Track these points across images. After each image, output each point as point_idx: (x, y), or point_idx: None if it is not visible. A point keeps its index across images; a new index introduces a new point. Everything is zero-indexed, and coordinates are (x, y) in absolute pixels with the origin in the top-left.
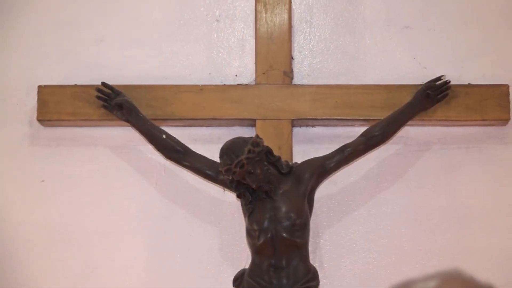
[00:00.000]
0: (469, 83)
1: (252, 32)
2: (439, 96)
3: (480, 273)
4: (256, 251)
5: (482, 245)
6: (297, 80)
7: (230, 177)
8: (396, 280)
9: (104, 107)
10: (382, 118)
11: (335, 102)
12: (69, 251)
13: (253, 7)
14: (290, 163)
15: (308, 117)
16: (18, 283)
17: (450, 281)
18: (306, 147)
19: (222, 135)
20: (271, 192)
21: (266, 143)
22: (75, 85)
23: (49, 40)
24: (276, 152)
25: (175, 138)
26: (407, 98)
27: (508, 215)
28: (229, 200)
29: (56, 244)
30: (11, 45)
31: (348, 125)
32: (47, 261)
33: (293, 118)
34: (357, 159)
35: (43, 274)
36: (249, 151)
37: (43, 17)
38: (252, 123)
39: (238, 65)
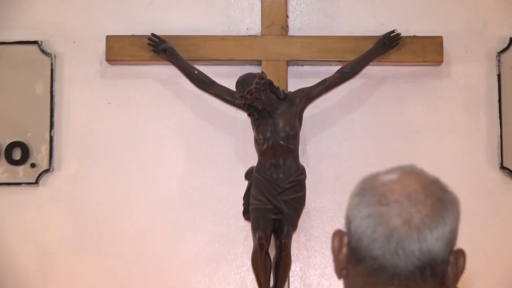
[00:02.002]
0: (414, 35)
1: None
2: (392, 44)
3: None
4: (261, 154)
5: (423, 152)
6: (291, 32)
7: (243, 101)
8: (362, 176)
9: (153, 51)
10: (351, 60)
11: (318, 48)
12: (127, 152)
13: None
14: (286, 92)
15: (299, 59)
16: (89, 176)
17: (407, 173)
18: (297, 80)
19: (237, 72)
20: (272, 112)
21: (269, 77)
22: (133, 35)
23: (115, 2)
24: (275, 84)
25: (204, 74)
26: (369, 46)
27: (441, 129)
28: (242, 118)
29: (117, 147)
30: (89, 6)
31: (327, 65)
32: (111, 159)
33: (288, 59)
34: (334, 89)
35: (108, 169)
36: (257, 83)
37: None
38: (258, 63)
39: (249, 22)
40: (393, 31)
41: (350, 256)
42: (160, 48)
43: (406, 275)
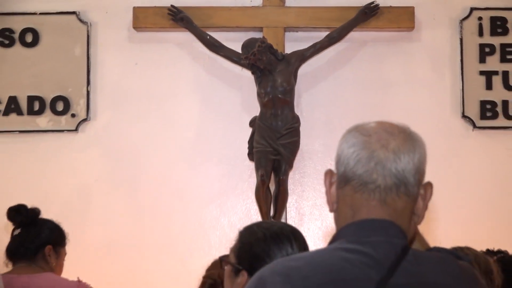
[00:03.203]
0: (390, 5)
1: None
2: (372, 13)
3: (399, 121)
4: (263, 105)
5: (397, 102)
6: (288, 3)
7: (248, 61)
8: (349, 126)
9: (172, 20)
10: (338, 26)
11: (310, 17)
12: (151, 104)
13: None
14: (283, 53)
15: (294, 26)
16: (120, 124)
17: (383, 122)
18: (292, 44)
19: (242, 37)
20: (272, 70)
21: (269, 41)
22: (155, 7)
23: None
24: (274, 47)
25: (214, 38)
26: (353, 14)
27: (412, 84)
28: (247, 75)
29: (143, 99)
30: None
31: (317, 31)
32: (138, 110)
33: (285, 26)
34: (323, 51)
35: (135, 118)
36: (259, 46)
37: None
38: (260, 29)
39: None
40: (372, 2)
41: (340, 182)
42: (178, 17)
43: (385, 189)
